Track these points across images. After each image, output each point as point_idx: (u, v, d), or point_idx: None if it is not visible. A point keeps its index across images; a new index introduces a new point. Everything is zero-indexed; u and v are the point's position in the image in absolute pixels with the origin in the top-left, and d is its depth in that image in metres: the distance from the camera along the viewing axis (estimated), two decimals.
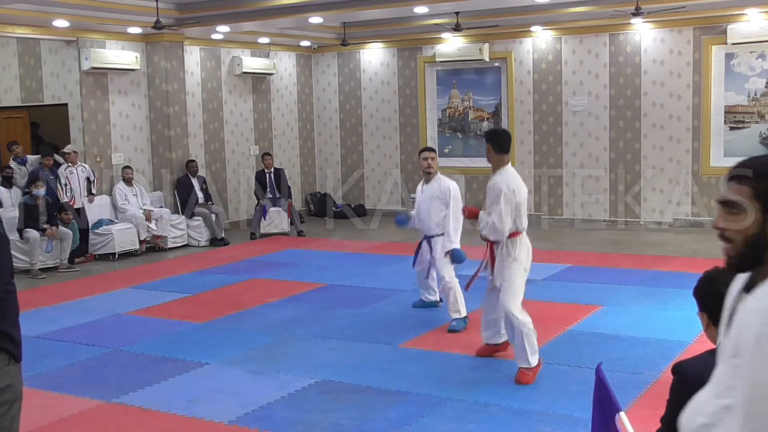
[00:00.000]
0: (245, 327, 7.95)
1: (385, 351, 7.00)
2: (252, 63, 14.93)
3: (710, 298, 2.77)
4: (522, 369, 6.01)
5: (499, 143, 6.08)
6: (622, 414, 2.95)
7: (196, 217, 13.21)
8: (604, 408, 3.06)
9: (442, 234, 7.66)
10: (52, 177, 11.61)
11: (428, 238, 7.81)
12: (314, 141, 16.86)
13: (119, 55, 12.68)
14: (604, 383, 3.04)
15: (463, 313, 7.58)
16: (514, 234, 6.00)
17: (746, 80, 12.80)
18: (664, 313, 7.90)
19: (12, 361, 3.44)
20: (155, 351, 7.17)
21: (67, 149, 12.07)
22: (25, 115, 14.03)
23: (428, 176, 7.76)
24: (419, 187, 7.99)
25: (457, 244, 7.56)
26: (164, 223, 12.81)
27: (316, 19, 12.03)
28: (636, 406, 5.44)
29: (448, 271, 7.62)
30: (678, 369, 2.74)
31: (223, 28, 12.72)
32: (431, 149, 7.92)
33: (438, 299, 8.28)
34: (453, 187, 7.66)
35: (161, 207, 13.12)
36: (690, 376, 2.70)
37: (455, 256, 7.52)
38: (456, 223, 7.56)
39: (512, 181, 5.99)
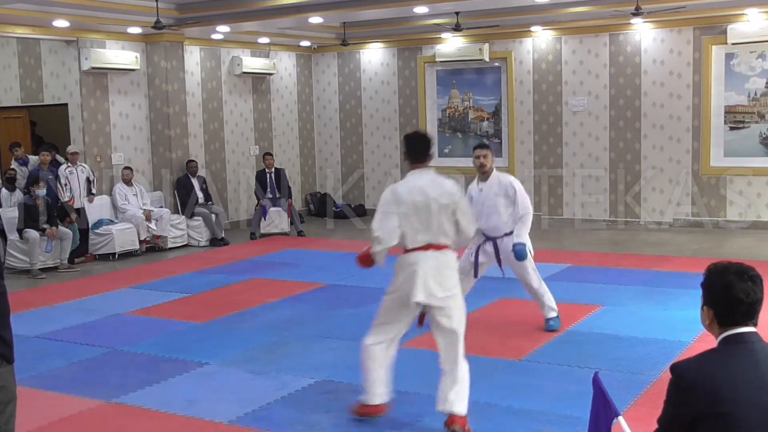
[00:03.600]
0: (245, 327, 7.95)
1: None
2: (252, 63, 14.93)
3: (723, 300, 2.76)
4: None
5: (412, 151, 5.44)
6: (620, 418, 2.94)
7: (196, 217, 13.21)
8: (600, 416, 3.06)
9: (512, 232, 7.20)
10: (51, 177, 11.60)
11: (494, 239, 7.27)
12: (314, 141, 16.85)
13: (119, 55, 12.68)
14: (602, 391, 3.04)
15: (557, 311, 7.41)
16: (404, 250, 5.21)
17: (746, 80, 12.79)
18: (664, 313, 7.90)
19: (4, 362, 3.42)
20: (155, 351, 7.16)
21: (70, 149, 12.08)
22: (25, 115, 14.02)
23: (483, 175, 7.29)
24: (474, 185, 7.38)
25: (525, 240, 7.14)
26: (164, 223, 12.81)
27: (316, 19, 12.03)
28: (636, 406, 5.43)
29: (534, 274, 7.30)
30: (675, 369, 2.73)
31: (223, 28, 12.72)
32: (484, 146, 7.38)
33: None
34: (516, 182, 7.23)
35: (161, 207, 13.11)
36: (686, 377, 2.69)
37: (519, 252, 7.12)
38: (526, 218, 7.16)
39: (401, 187, 5.28)
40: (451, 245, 5.24)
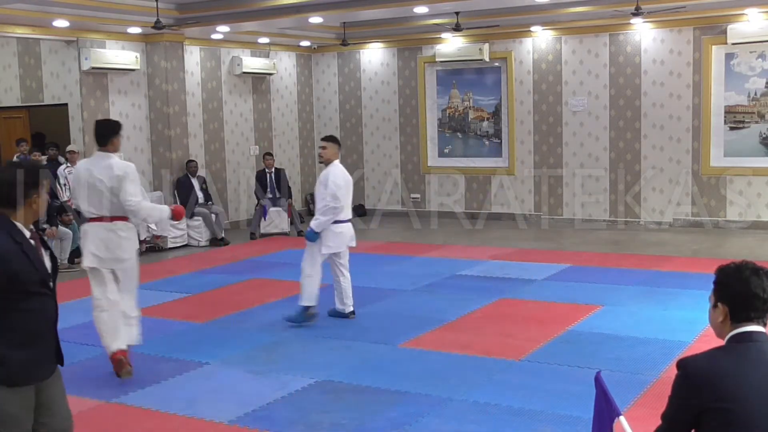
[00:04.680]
0: (245, 327, 7.95)
1: (385, 351, 7.00)
2: (252, 63, 14.93)
3: (740, 295, 2.77)
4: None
5: (96, 136, 6.40)
6: (621, 418, 2.94)
7: (196, 217, 13.21)
8: (603, 416, 3.06)
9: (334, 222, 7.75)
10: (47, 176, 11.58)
11: None
12: (314, 141, 16.84)
13: (119, 55, 12.68)
14: (604, 391, 3.04)
15: (309, 303, 7.76)
16: None
17: (746, 80, 12.80)
18: (664, 313, 7.90)
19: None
20: (155, 351, 7.16)
21: (69, 148, 12.08)
22: (25, 115, 14.01)
23: (323, 165, 7.88)
24: None
25: (314, 226, 7.67)
26: (164, 223, 12.79)
27: (316, 19, 12.03)
28: (636, 406, 5.43)
29: (308, 260, 7.79)
30: (682, 365, 2.74)
31: (223, 28, 12.72)
32: (327, 138, 8.02)
33: (351, 311, 8.12)
34: (334, 174, 7.64)
35: None
36: (694, 374, 2.70)
37: (306, 235, 7.81)
38: (323, 209, 7.62)
39: (80, 167, 6.43)
40: (128, 218, 6.34)
